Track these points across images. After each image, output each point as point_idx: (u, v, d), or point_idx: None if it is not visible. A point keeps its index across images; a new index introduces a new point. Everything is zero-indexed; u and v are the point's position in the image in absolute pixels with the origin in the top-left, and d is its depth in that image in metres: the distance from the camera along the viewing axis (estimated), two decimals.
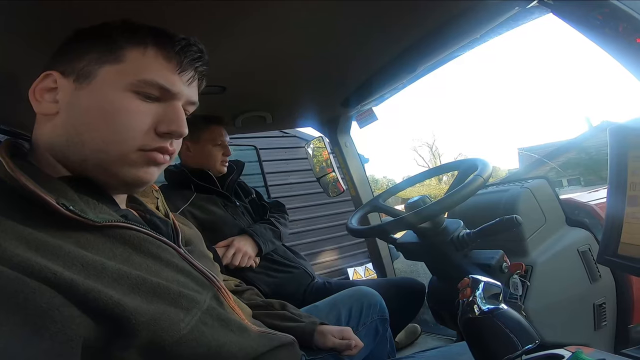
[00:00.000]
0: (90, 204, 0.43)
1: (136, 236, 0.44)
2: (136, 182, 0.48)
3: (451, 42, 0.91)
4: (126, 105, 0.45)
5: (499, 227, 0.76)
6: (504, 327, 0.37)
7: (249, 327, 0.53)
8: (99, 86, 0.45)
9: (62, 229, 0.38)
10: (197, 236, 0.64)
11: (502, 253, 0.81)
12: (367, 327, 0.87)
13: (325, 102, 1.33)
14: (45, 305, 0.32)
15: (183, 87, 0.49)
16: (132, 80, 0.45)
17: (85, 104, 0.44)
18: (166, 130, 0.47)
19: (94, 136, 0.44)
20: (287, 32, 0.77)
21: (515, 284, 0.77)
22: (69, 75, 0.45)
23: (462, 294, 0.41)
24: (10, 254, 0.32)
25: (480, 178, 0.76)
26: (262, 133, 2.95)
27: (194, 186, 1.14)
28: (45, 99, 0.46)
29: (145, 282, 0.40)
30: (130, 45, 0.46)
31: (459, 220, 0.87)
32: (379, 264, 1.62)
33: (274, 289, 1.10)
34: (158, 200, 0.61)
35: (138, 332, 0.37)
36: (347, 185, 1.59)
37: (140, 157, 0.46)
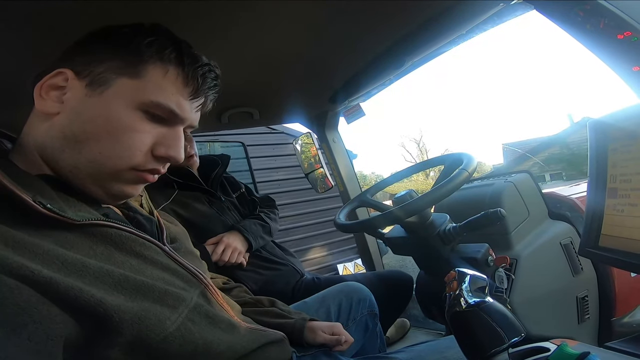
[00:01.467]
0: (70, 202, 0.42)
1: (118, 234, 0.43)
2: (121, 196, 0.48)
3: (437, 37, 0.92)
4: (133, 124, 0.44)
5: (484, 221, 0.77)
6: (490, 320, 0.37)
7: (238, 324, 0.53)
8: (111, 97, 0.44)
9: (41, 227, 0.37)
10: (183, 233, 0.63)
11: (488, 246, 0.83)
12: (357, 323, 0.87)
13: (312, 98, 1.33)
14: (24, 304, 0.31)
15: (191, 114, 0.49)
16: (146, 100, 0.44)
17: (92, 113, 0.43)
18: (164, 154, 0.47)
19: (92, 147, 0.43)
20: (274, 29, 0.77)
21: (501, 277, 0.79)
22: (83, 78, 0.44)
23: (449, 287, 0.41)
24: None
25: (465, 172, 0.76)
26: (249, 129, 2.92)
27: (176, 184, 1.11)
28: (51, 96, 0.44)
29: (128, 280, 0.40)
30: (154, 63, 0.45)
31: (445, 215, 0.88)
32: (367, 259, 1.63)
33: (262, 286, 1.09)
34: (142, 198, 0.60)
35: (121, 331, 0.36)
36: (336, 181, 1.59)
37: (132, 175, 0.46)
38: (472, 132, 54.73)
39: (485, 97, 60.68)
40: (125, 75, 0.44)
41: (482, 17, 0.83)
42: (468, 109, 57.90)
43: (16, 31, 0.58)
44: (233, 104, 1.23)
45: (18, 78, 0.67)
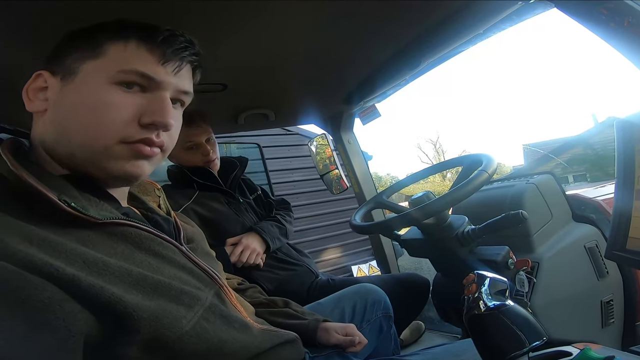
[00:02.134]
0: (92, 201, 0.43)
1: (137, 234, 0.44)
2: (125, 176, 0.47)
3: (454, 37, 0.90)
4: (107, 97, 0.44)
5: (504, 223, 0.75)
6: (510, 323, 0.36)
7: (251, 324, 0.53)
8: (81, 81, 0.45)
9: (64, 226, 0.38)
10: (200, 234, 0.64)
11: (508, 249, 0.81)
12: (371, 324, 0.86)
13: (328, 99, 1.33)
14: (47, 301, 0.32)
15: (168, 77, 0.48)
16: (112, 72, 0.45)
17: (70, 100, 0.45)
18: (149, 120, 0.46)
19: (78, 131, 0.44)
20: (288, 30, 0.77)
21: (522, 280, 0.77)
22: (57, 74, 0.46)
23: (468, 290, 0.41)
24: (13, 250, 0.32)
25: (485, 173, 0.75)
26: (264, 131, 2.96)
27: (196, 184, 1.14)
28: (38, 97, 0.47)
29: (147, 279, 0.40)
30: (111, 41, 0.46)
31: (463, 216, 0.87)
32: (383, 261, 1.61)
33: (277, 286, 1.10)
34: (160, 199, 0.62)
35: (139, 329, 0.37)
36: (351, 182, 1.59)
37: (124, 149, 0.45)
38: (491, 132, 53.52)
39: (504, 96, 59.22)
40: (89, 59, 0.45)
41: (500, 16, 0.81)
42: (486, 109, 56.64)
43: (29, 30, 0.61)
44: (248, 105, 1.25)
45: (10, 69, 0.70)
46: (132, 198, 0.57)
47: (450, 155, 27.71)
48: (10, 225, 0.34)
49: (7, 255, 0.31)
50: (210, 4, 0.63)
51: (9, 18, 0.58)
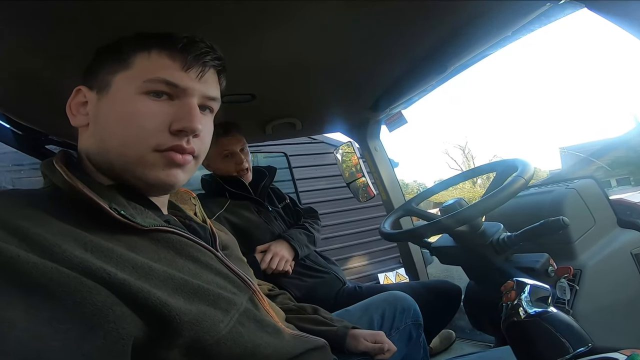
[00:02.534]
0: (138, 209, 0.45)
1: (178, 240, 0.46)
2: (160, 184, 0.48)
3: (481, 40, 0.89)
4: (138, 107, 0.46)
5: (543, 230, 0.72)
6: (553, 330, 0.35)
7: (282, 329, 0.54)
8: (114, 94, 0.48)
9: (113, 232, 0.40)
10: (233, 241, 0.66)
11: (548, 256, 0.77)
12: (400, 332, 0.85)
13: (353, 107, 1.33)
14: (101, 304, 0.33)
15: (193, 83, 0.49)
16: (140, 83, 0.47)
17: (105, 113, 0.48)
18: (179, 127, 0.47)
19: (114, 141, 0.47)
20: (313, 38, 0.78)
21: (563, 287, 0.73)
22: (93, 89, 0.49)
23: (506, 297, 0.39)
24: (69, 255, 0.34)
25: (521, 179, 0.72)
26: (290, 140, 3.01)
27: (228, 193, 1.18)
28: (80, 112, 0.50)
29: (187, 283, 0.41)
30: (136, 52, 0.48)
31: (498, 224, 0.84)
32: (411, 268, 1.58)
33: (305, 293, 1.11)
34: (196, 207, 0.64)
35: (181, 332, 0.38)
36: (378, 190, 1.58)
37: (157, 157, 0.47)
38: (523, 136, 51.19)
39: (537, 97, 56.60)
40: (119, 72, 0.48)
41: (528, 17, 0.79)
42: (517, 111, 54.34)
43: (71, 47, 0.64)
44: (276, 115, 1.27)
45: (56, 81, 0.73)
46: (172, 206, 0.59)
47: (480, 160, 26.79)
48: (67, 232, 0.36)
49: (65, 260, 0.33)
50: (236, 17, 0.65)
51: (55, 34, 0.62)
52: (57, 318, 0.31)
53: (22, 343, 0.28)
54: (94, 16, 0.58)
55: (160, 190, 0.52)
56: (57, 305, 0.31)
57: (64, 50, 0.65)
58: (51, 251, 0.33)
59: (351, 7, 0.69)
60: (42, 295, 0.31)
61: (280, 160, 3.54)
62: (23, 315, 0.29)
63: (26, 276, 0.31)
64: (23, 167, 2.82)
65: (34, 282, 0.31)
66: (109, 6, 0.57)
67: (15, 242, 0.32)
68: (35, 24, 0.58)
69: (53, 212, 0.37)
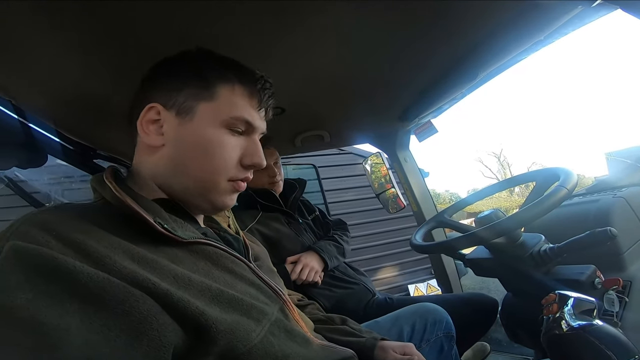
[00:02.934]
0: (178, 222, 0.48)
1: (215, 252, 0.48)
2: (222, 207, 0.55)
3: (513, 45, 0.85)
4: (222, 140, 0.52)
5: (590, 241, 0.68)
6: (598, 342, 0.33)
7: (311, 339, 0.54)
8: (199, 123, 0.51)
9: (157, 245, 0.42)
10: (264, 253, 0.68)
11: (594, 268, 0.72)
12: (431, 344, 0.83)
13: (382, 118, 1.32)
14: (146, 313, 0.34)
15: (260, 122, 0.56)
16: (226, 117, 0.52)
17: (191, 140, 0.51)
18: (250, 162, 0.54)
19: (196, 167, 0.51)
20: (341, 50, 0.79)
21: (611, 300, 0.68)
22: (170, 109, 0.51)
23: (547, 310, 0.38)
24: (119, 266, 0.36)
25: (563, 189, 0.69)
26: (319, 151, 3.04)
27: (260, 205, 1.21)
28: (151, 130, 0.51)
29: (223, 294, 0.43)
30: (221, 83, 0.52)
31: (539, 235, 0.80)
32: (444, 280, 1.53)
33: (335, 304, 1.11)
34: (229, 219, 0.67)
35: (217, 341, 0.39)
36: (409, 201, 1.55)
37: (228, 186, 0.53)
38: (564, 141, 48.17)
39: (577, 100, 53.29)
40: (203, 100, 0.51)
41: (560, 21, 0.75)
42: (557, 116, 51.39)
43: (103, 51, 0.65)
44: (305, 127, 1.29)
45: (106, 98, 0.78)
46: (208, 219, 0.62)
47: (517, 168, 25.50)
48: (116, 244, 0.38)
49: (115, 270, 0.35)
50: (269, 35, 0.68)
51: (110, 56, 0.65)
52: (108, 325, 0.32)
53: (76, 349, 0.30)
54: (147, 38, 0.63)
55: (217, 211, 0.56)
56: (108, 314, 0.33)
57: (116, 70, 0.70)
58: (103, 262, 0.35)
59: (378, 19, 0.70)
60: (96, 304, 0.33)
61: (309, 171, 3.58)
62: (78, 322, 0.31)
63: (82, 286, 0.33)
64: (73, 180, 3.04)
65: (89, 292, 0.33)
66: (156, 30, 0.62)
67: (71, 254, 0.34)
68: (93, 47, 0.63)
69: (104, 225, 0.40)
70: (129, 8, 0.56)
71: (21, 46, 0.60)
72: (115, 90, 0.76)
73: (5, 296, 0.30)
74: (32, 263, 0.32)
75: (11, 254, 0.33)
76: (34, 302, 0.30)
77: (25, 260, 0.32)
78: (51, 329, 0.30)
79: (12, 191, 0.89)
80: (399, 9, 0.68)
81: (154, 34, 0.63)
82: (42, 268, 0.32)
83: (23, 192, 0.92)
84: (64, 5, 0.53)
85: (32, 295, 0.31)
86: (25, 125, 0.82)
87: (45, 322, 0.30)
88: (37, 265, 0.32)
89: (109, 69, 0.70)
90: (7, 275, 0.31)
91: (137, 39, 0.63)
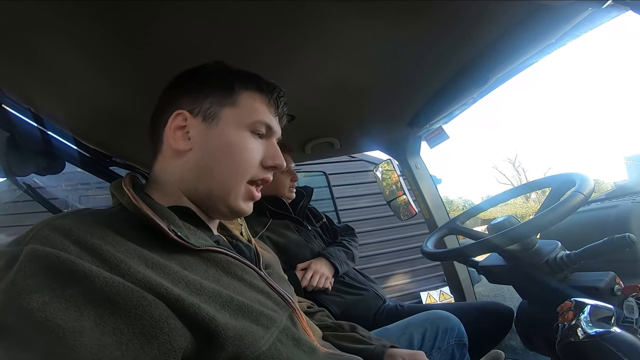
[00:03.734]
0: (191, 230, 0.49)
1: (225, 260, 0.49)
2: (240, 213, 0.56)
3: (523, 49, 0.84)
4: (246, 142, 0.55)
5: (608, 248, 0.66)
6: (615, 349, 0.32)
7: (318, 348, 0.54)
8: (224, 126, 0.54)
9: (170, 251, 0.43)
10: (275, 260, 0.69)
11: (614, 275, 0.70)
12: (442, 352, 0.82)
13: (392, 124, 1.32)
14: (158, 317, 0.35)
15: (278, 127, 0.59)
16: (250, 121, 0.55)
17: (217, 143, 0.53)
18: (271, 164, 0.57)
19: (221, 169, 0.53)
20: (351, 57, 0.79)
21: (631, 306, 0.65)
22: (197, 115, 0.53)
23: (563, 317, 0.37)
24: (134, 271, 0.36)
25: (580, 195, 0.67)
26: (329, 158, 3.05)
27: (269, 213, 1.22)
28: (178, 136, 0.53)
29: (233, 300, 0.43)
30: (243, 91, 0.56)
31: (555, 241, 0.78)
32: (457, 288, 1.49)
33: (344, 310, 1.10)
34: (242, 227, 0.68)
35: (225, 346, 0.39)
36: (420, 207, 1.54)
37: (246, 189, 0.55)
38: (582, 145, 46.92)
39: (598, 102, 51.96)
40: (227, 106, 0.54)
41: (571, 23, 0.74)
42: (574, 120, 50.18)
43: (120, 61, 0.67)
44: (315, 135, 1.30)
45: (123, 107, 0.80)
46: (221, 226, 0.63)
47: (532, 174, 24.96)
48: (132, 249, 0.39)
49: (129, 275, 0.36)
50: (279, 43, 0.69)
51: (123, 61, 0.67)
52: (121, 329, 0.33)
53: (89, 351, 0.30)
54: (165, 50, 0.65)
55: (234, 216, 0.58)
56: (122, 317, 0.33)
57: (132, 80, 0.72)
58: (119, 267, 0.36)
59: (387, 26, 0.70)
60: (110, 308, 0.33)
61: (320, 179, 3.58)
62: (92, 325, 0.32)
63: (97, 290, 0.33)
64: (89, 186, 3.12)
65: (104, 296, 0.33)
66: (174, 42, 0.64)
67: (88, 259, 0.35)
68: (111, 58, 0.65)
69: (120, 231, 0.41)
70: (149, 21, 0.58)
71: (41, 56, 0.62)
72: (131, 100, 0.78)
73: (22, 298, 0.31)
74: (50, 266, 0.33)
75: (30, 257, 0.34)
76: (50, 305, 0.31)
77: (43, 264, 0.33)
78: (66, 331, 0.30)
79: (30, 197, 0.91)
80: (408, 15, 0.68)
81: (172, 46, 0.65)
82: (59, 271, 0.33)
83: (41, 198, 0.95)
84: (84, 17, 0.55)
85: (49, 298, 0.31)
86: (43, 133, 0.85)
87: (60, 324, 0.30)
88: (55, 269, 0.33)
89: (126, 79, 0.72)
90: (25, 278, 0.32)
91: (155, 51, 0.65)
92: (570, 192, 0.70)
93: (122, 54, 0.64)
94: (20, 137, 0.79)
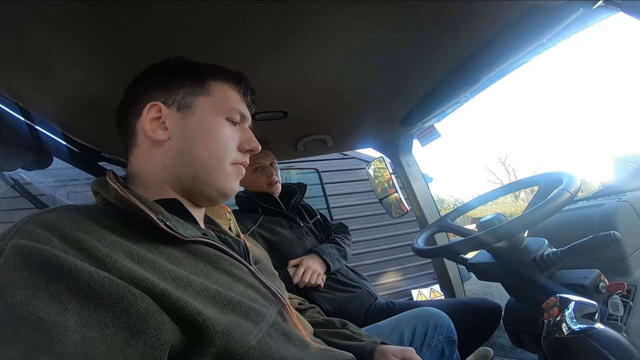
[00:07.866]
0: (180, 222, 0.49)
1: (214, 254, 0.48)
2: (229, 193, 0.58)
3: (514, 49, 0.85)
4: (223, 128, 0.57)
5: (593, 245, 0.67)
6: (599, 346, 0.32)
7: (309, 343, 0.54)
8: (200, 115, 0.55)
9: (156, 245, 0.43)
10: (265, 256, 0.68)
11: (599, 272, 0.72)
12: (432, 349, 0.82)
13: (384, 122, 1.33)
14: (144, 311, 0.35)
15: (249, 114, 0.62)
16: (224, 109, 0.57)
17: (195, 129, 0.54)
18: (248, 147, 0.59)
19: (202, 153, 0.54)
20: (343, 55, 0.79)
21: (615, 304, 0.67)
22: (171, 106, 0.55)
23: (548, 313, 0.37)
24: (120, 265, 0.36)
25: (566, 193, 0.69)
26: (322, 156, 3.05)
27: (261, 209, 1.21)
28: (154, 127, 0.53)
29: (221, 295, 0.43)
30: (214, 81, 0.58)
31: (542, 239, 0.80)
32: (447, 285, 1.52)
33: (336, 308, 1.10)
34: (230, 222, 0.67)
35: (214, 341, 0.39)
36: (412, 205, 1.55)
37: (233, 169, 0.57)
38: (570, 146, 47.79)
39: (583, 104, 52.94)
40: (201, 96, 0.56)
41: (562, 24, 0.75)
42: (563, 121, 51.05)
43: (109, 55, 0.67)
44: (307, 132, 1.30)
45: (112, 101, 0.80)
46: (208, 221, 0.63)
47: (522, 174, 25.32)
48: (117, 244, 0.39)
49: (115, 269, 0.36)
50: (270, 40, 0.69)
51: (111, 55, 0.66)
52: (106, 323, 0.33)
53: (73, 346, 0.30)
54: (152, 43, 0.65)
55: (224, 198, 0.59)
56: (107, 311, 0.33)
57: (121, 73, 0.70)
58: (104, 261, 0.36)
59: (379, 25, 0.70)
60: (94, 302, 0.33)
61: (312, 176, 3.58)
62: (77, 319, 0.32)
63: (82, 284, 0.33)
64: (78, 182, 3.06)
65: (89, 290, 0.33)
66: (160, 37, 0.64)
67: (73, 253, 0.35)
68: (99, 51, 0.64)
69: (106, 225, 0.41)
70: (135, 15, 0.57)
71: (28, 49, 0.61)
72: (121, 94, 0.77)
73: (5, 293, 0.31)
74: (34, 261, 0.33)
75: (14, 252, 0.33)
76: (34, 299, 0.31)
77: (27, 258, 0.33)
78: (50, 326, 0.30)
79: (17, 193, 0.89)
80: (399, 14, 0.68)
81: (159, 40, 0.64)
82: (43, 266, 0.33)
83: (28, 194, 0.93)
84: (71, 10, 0.54)
85: (32, 292, 0.31)
86: (31, 127, 0.83)
87: (44, 318, 0.30)
88: (39, 263, 0.33)
89: (115, 73, 0.71)
90: (9, 272, 0.32)
91: (143, 44, 0.64)
92: (557, 190, 0.71)
93: (109, 47, 0.64)
94: (8, 130, 0.77)
